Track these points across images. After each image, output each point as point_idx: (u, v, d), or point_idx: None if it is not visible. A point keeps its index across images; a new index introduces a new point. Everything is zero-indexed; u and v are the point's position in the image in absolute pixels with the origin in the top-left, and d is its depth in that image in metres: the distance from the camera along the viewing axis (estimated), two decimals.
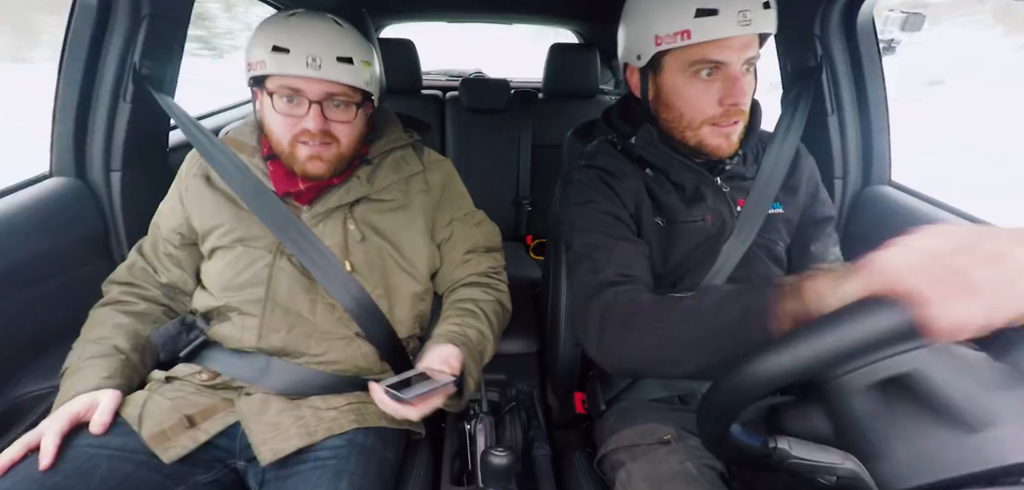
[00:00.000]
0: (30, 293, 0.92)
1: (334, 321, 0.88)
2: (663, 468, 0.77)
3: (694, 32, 0.74)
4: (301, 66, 0.79)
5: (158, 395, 0.81)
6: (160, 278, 0.93)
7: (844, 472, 0.43)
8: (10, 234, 0.90)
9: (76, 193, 1.04)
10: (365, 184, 0.91)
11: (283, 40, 0.80)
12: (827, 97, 1.17)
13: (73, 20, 0.99)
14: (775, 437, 0.45)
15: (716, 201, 0.86)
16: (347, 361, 0.88)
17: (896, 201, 1.14)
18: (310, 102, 0.82)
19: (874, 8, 1.11)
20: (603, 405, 0.95)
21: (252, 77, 0.85)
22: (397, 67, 2.07)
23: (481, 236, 1.02)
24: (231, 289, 0.87)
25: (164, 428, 0.76)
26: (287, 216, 0.86)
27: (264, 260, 0.87)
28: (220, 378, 0.85)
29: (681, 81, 0.79)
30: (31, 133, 1.15)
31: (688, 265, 0.86)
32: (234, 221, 0.88)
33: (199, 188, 0.91)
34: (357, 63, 0.83)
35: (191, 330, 0.88)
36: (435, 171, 1.00)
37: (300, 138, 0.84)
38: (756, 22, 0.73)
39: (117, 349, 0.82)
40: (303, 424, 0.80)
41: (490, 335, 0.93)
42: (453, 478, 0.96)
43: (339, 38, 0.83)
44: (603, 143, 0.92)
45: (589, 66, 2.14)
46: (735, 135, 0.81)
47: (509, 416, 1.11)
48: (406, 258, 0.93)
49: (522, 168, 2.19)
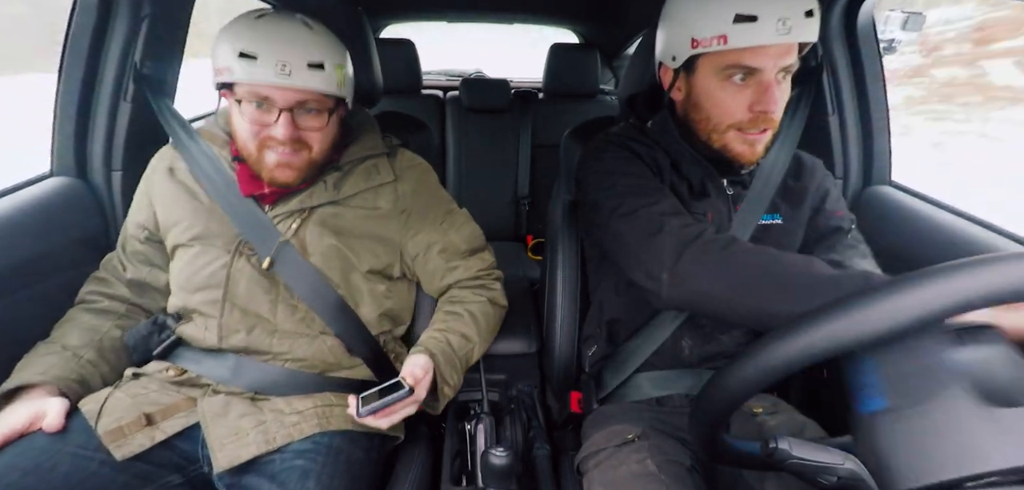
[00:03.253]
0: (30, 292, 0.92)
1: (296, 321, 0.86)
2: (622, 470, 0.77)
3: (731, 37, 0.71)
4: (270, 74, 0.76)
5: (120, 391, 0.80)
6: (127, 274, 0.93)
7: (844, 472, 0.43)
8: (11, 234, 0.90)
9: (77, 193, 1.04)
10: (331, 190, 0.89)
11: (250, 46, 0.76)
12: (827, 97, 1.17)
13: (74, 20, 0.99)
14: (775, 437, 0.45)
15: (719, 201, 0.86)
16: (314, 357, 0.87)
17: (897, 201, 1.14)
18: (280, 110, 0.79)
19: (874, 8, 1.11)
20: (596, 404, 0.96)
21: (219, 83, 0.82)
22: (397, 67, 2.07)
23: (461, 240, 0.98)
24: (189, 290, 0.86)
25: (121, 424, 0.75)
26: (252, 211, 0.85)
27: (221, 260, 0.86)
28: (187, 375, 0.84)
29: (713, 84, 0.77)
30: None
31: None
32: (192, 217, 0.87)
33: (162, 181, 0.90)
34: (329, 68, 0.80)
35: (163, 330, 0.88)
36: (407, 179, 0.96)
37: (267, 144, 0.81)
38: (797, 30, 0.71)
39: (64, 347, 0.82)
40: (263, 430, 0.78)
41: (476, 338, 0.92)
42: (453, 478, 0.96)
43: (310, 42, 0.79)
44: (628, 127, 0.92)
45: (589, 66, 2.14)
46: (761, 145, 0.79)
47: (509, 416, 1.11)
48: (364, 263, 0.91)
49: (522, 168, 2.19)
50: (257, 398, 0.83)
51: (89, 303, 0.90)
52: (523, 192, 2.20)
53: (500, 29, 2.75)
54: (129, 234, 0.94)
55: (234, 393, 0.83)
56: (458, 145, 2.15)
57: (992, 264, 0.37)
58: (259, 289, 0.85)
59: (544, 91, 2.24)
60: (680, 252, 0.68)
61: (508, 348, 1.12)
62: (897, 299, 0.39)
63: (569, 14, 2.46)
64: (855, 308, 0.40)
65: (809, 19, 0.72)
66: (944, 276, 0.38)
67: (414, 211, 0.95)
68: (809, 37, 0.73)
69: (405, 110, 1.10)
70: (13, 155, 1.72)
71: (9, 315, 0.88)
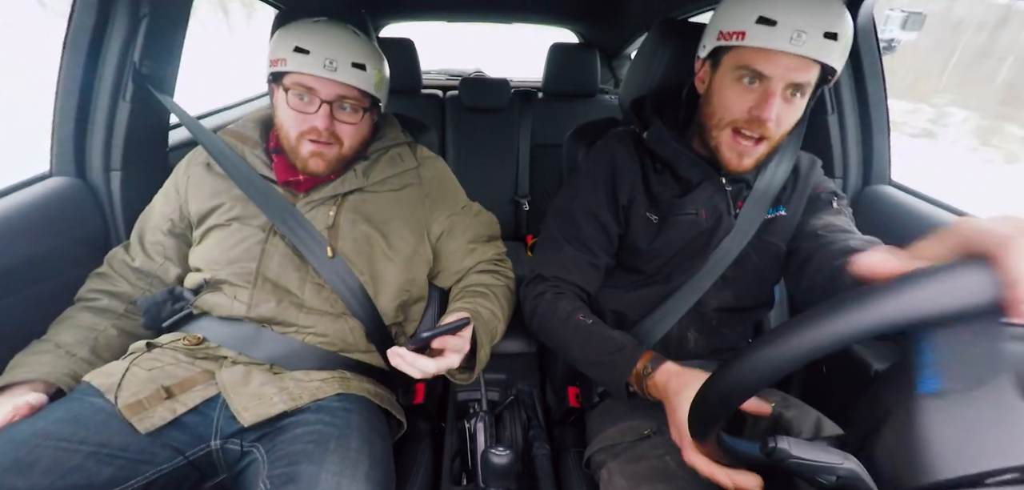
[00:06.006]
0: (30, 293, 0.92)
1: (322, 300, 0.90)
2: (642, 465, 0.77)
3: (748, 36, 0.73)
4: (319, 67, 0.84)
5: (136, 366, 0.81)
6: (134, 263, 0.95)
7: (844, 472, 0.43)
8: (10, 234, 0.90)
9: (76, 193, 1.04)
10: (360, 177, 0.95)
11: (305, 42, 0.85)
12: (827, 97, 1.17)
13: (73, 19, 0.99)
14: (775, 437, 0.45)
15: (715, 197, 0.87)
16: (335, 335, 0.90)
17: (896, 201, 1.14)
18: (322, 101, 0.87)
19: (874, 8, 1.11)
20: (596, 397, 0.97)
21: (271, 73, 0.89)
22: (397, 67, 2.05)
23: (482, 226, 1.05)
24: (222, 263, 0.89)
25: (140, 398, 0.75)
26: (281, 200, 0.90)
27: (257, 237, 0.90)
28: (204, 345, 0.86)
29: (726, 81, 0.78)
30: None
31: (680, 259, 0.88)
32: (233, 201, 0.92)
33: (200, 175, 0.95)
34: (370, 70, 0.89)
35: (177, 300, 0.91)
36: (428, 167, 1.03)
37: (307, 135, 0.88)
38: (810, 47, 0.70)
39: (57, 345, 0.83)
40: (287, 392, 0.81)
41: (501, 316, 0.94)
42: (453, 477, 0.96)
43: (356, 46, 0.88)
44: (625, 132, 0.95)
45: (589, 66, 2.14)
46: (751, 157, 0.79)
47: (509, 415, 1.11)
48: (392, 246, 0.95)
49: (521, 167, 2.19)
50: (275, 369, 0.86)
51: (88, 301, 0.91)
52: (523, 191, 2.20)
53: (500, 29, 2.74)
54: (152, 224, 0.97)
55: (253, 363, 0.85)
56: (458, 145, 2.15)
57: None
58: (290, 266, 0.90)
59: (544, 91, 2.24)
60: (532, 312, 0.90)
61: (508, 348, 1.12)
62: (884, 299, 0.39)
63: (569, 14, 2.46)
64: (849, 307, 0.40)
65: (829, 42, 0.71)
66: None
67: (436, 194, 1.02)
68: (826, 59, 0.72)
69: (405, 110, 1.10)
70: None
71: (8, 315, 0.88)
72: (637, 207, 0.88)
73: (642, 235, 0.88)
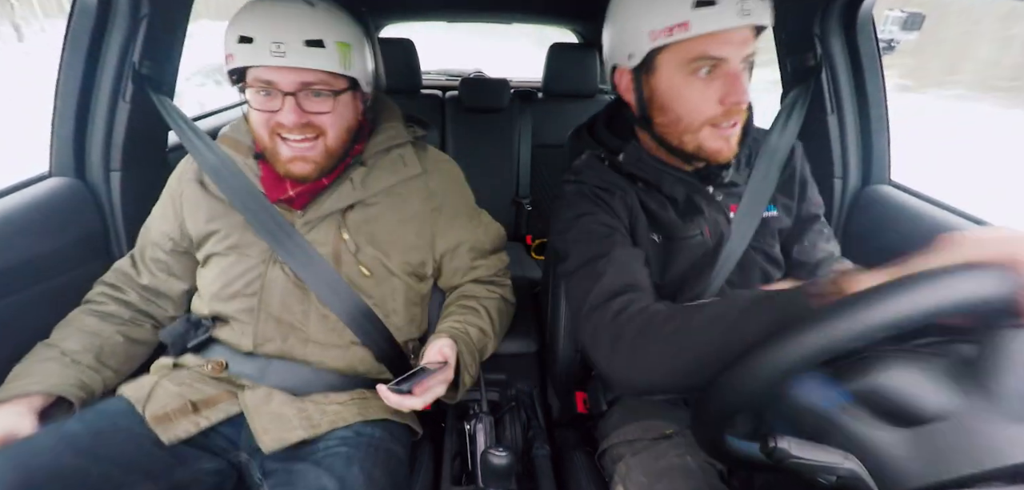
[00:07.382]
0: (30, 293, 0.92)
1: (328, 331, 0.87)
2: (662, 462, 0.77)
3: (693, 24, 0.68)
4: (265, 55, 0.73)
5: (166, 381, 0.81)
6: (141, 280, 0.93)
7: (844, 472, 0.43)
8: (10, 234, 0.90)
9: (75, 193, 1.04)
10: (359, 188, 0.87)
11: (248, 28, 0.74)
12: (827, 97, 1.17)
13: (72, 20, 0.99)
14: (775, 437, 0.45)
15: (711, 212, 0.84)
16: (346, 367, 0.89)
17: (896, 200, 1.14)
18: (284, 94, 0.76)
19: (874, 8, 1.11)
20: (604, 405, 0.96)
21: (229, 72, 0.80)
22: (397, 67, 2.07)
23: (487, 240, 1.00)
24: (222, 299, 0.87)
25: (167, 410, 0.76)
26: (280, 223, 0.84)
27: (257, 270, 0.86)
28: (226, 373, 0.85)
29: (678, 80, 0.73)
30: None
31: (686, 278, 0.84)
32: (229, 227, 0.87)
33: (194, 193, 0.89)
34: (329, 45, 0.75)
35: (198, 328, 0.89)
36: (436, 175, 0.94)
37: (278, 132, 0.79)
38: (756, 13, 0.68)
39: (63, 352, 0.81)
40: (306, 417, 0.80)
41: (491, 333, 0.93)
42: (453, 478, 0.96)
43: (307, 20, 0.75)
44: (591, 158, 0.87)
45: (589, 66, 2.14)
46: (734, 138, 0.76)
47: (509, 416, 1.10)
48: (400, 264, 0.91)
49: (522, 168, 2.19)
50: (296, 393, 0.85)
51: (95, 305, 0.90)
52: (523, 192, 2.20)
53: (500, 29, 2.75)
54: (151, 241, 0.93)
55: (274, 387, 0.84)
56: (458, 145, 2.15)
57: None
58: (293, 299, 0.85)
59: (544, 91, 2.24)
60: (617, 337, 0.64)
61: (508, 348, 1.12)
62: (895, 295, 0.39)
63: (568, 14, 2.46)
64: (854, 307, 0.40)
65: (764, 2, 0.70)
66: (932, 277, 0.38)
67: (446, 208, 0.94)
68: (765, 20, 0.71)
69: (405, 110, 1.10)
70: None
71: (8, 315, 0.88)
72: (640, 227, 0.82)
73: (650, 255, 0.83)
